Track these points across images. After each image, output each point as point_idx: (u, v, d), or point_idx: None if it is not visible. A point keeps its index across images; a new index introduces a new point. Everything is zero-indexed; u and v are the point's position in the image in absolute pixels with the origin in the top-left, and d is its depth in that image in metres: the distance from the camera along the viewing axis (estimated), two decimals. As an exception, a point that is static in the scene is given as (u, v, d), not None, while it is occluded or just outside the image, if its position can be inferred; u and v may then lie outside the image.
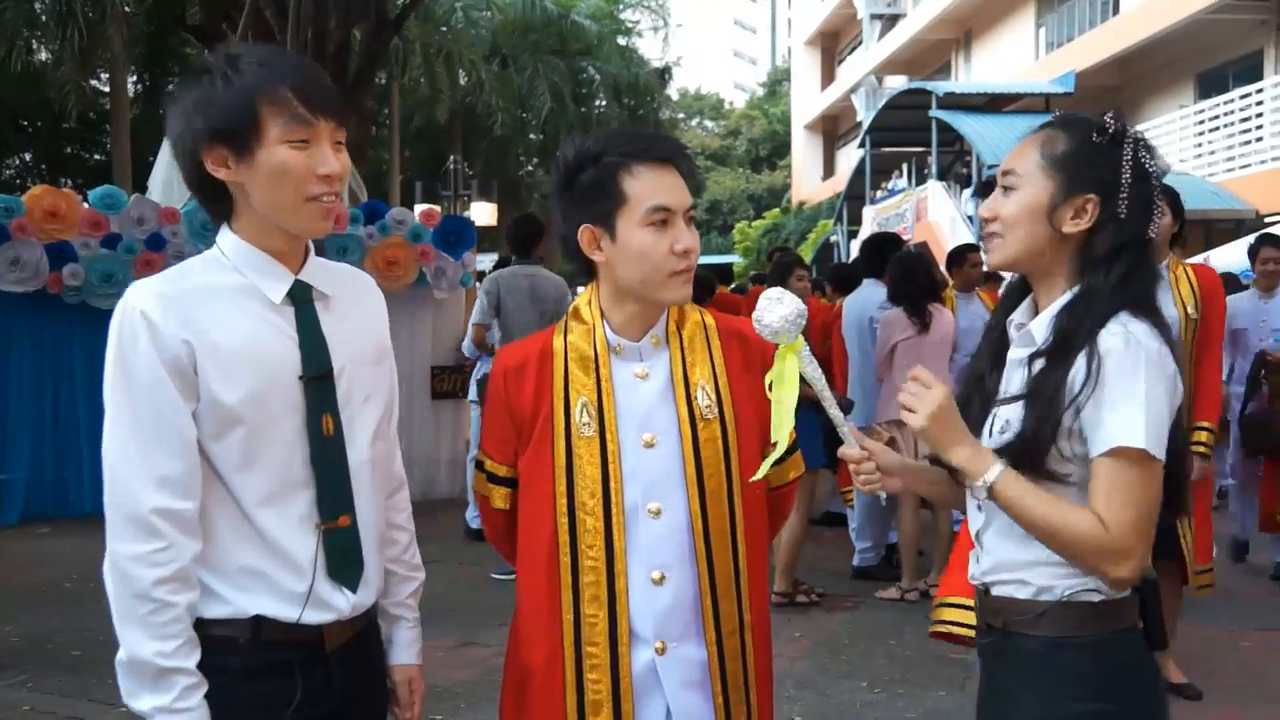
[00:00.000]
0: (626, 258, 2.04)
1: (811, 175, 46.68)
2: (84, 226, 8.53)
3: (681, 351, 2.12)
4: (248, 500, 1.81)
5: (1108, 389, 1.75)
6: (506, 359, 2.18)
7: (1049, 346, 1.85)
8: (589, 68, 31.23)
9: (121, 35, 17.56)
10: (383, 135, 26.71)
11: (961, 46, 34.18)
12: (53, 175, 25.07)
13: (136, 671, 1.73)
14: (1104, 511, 1.74)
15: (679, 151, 2.08)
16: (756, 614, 2.14)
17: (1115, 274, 1.83)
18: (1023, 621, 1.88)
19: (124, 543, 1.73)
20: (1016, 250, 1.92)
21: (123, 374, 1.75)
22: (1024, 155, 1.92)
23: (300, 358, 1.85)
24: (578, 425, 2.08)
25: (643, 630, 2.05)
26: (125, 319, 1.76)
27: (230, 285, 1.83)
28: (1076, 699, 1.83)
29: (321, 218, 1.84)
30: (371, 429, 1.97)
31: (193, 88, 1.81)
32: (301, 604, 1.82)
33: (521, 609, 2.16)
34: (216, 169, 1.79)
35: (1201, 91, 22.67)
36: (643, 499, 2.06)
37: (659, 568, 2.05)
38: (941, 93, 24.11)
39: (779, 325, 1.86)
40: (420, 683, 2.13)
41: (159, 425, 1.74)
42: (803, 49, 50.22)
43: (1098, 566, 1.77)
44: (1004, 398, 1.92)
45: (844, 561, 6.99)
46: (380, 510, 2.00)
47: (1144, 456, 1.73)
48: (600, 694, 2.04)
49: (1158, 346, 1.78)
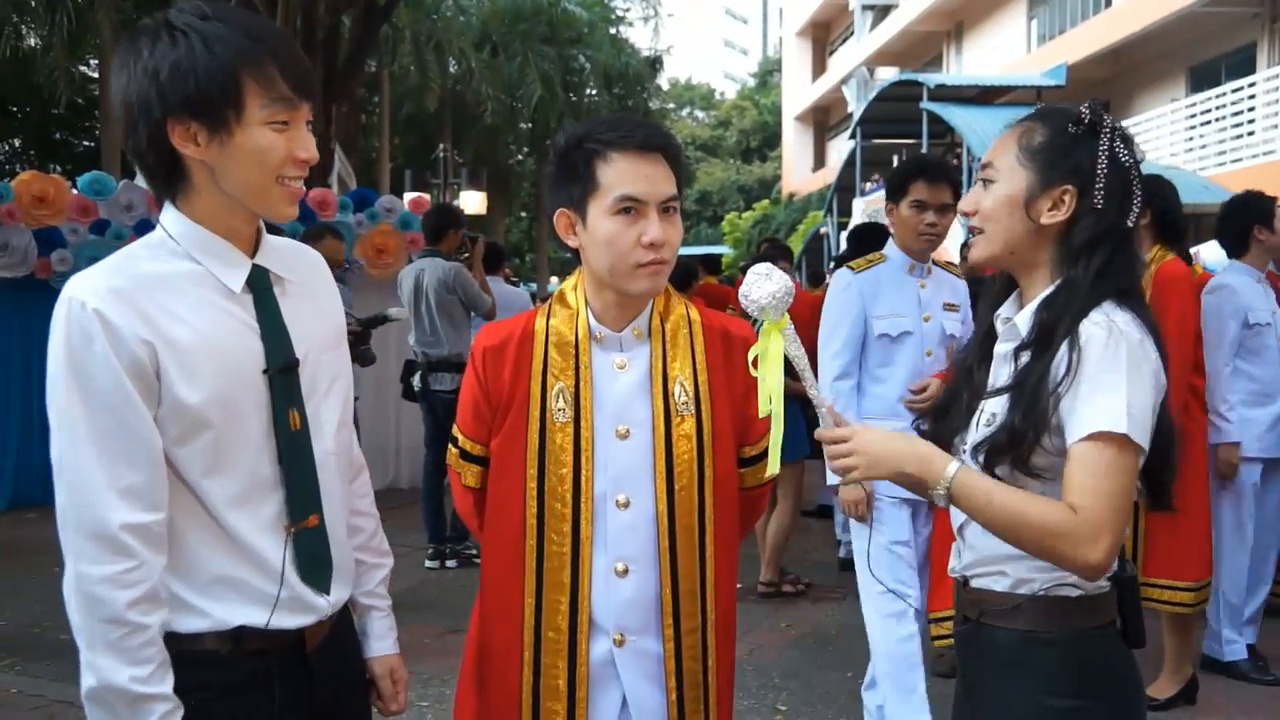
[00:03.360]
0: (595, 245, 2.02)
1: (802, 166, 46.64)
2: (73, 212, 8.50)
3: (663, 345, 2.10)
4: (216, 505, 1.68)
5: (1088, 378, 1.74)
6: (487, 338, 2.16)
7: (1031, 339, 1.84)
8: (579, 56, 31.11)
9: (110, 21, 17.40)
10: (372, 123, 26.61)
11: (953, 38, 34.18)
12: (41, 161, 24.91)
13: (109, 701, 1.60)
14: (1076, 496, 1.71)
15: (662, 141, 2.03)
16: (721, 613, 2.12)
17: (1095, 264, 1.82)
18: (997, 613, 1.88)
19: (90, 564, 1.58)
20: (996, 244, 1.92)
21: (76, 380, 1.59)
22: (1002, 149, 1.93)
23: (264, 350, 1.73)
24: (553, 411, 2.06)
25: (603, 620, 2.05)
26: (74, 317, 1.59)
27: (184, 274, 1.69)
28: (1050, 694, 1.83)
29: (290, 202, 1.73)
30: (336, 418, 1.87)
31: (160, 46, 1.62)
32: (281, 609, 1.73)
33: (485, 589, 2.17)
34: (183, 144, 1.64)
35: (1194, 85, 22.69)
36: (611, 489, 2.06)
37: (622, 559, 2.05)
38: (933, 85, 24.06)
39: (766, 301, 1.83)
40: (402, 672, 2.08)
41: (121, 434, 1.60)
42: (794, 40, 50.12)
43: (1067, 553, 1.71)
44: (990, 391, 1.91)
45: (831, 553, 7.01)
46: (345, 501, 1.93)
47: (1124, 442, 1.72)
48: (557, 679, 2.04)
49: (1140, 336, 1.78)
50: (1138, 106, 23.74)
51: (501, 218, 32.75)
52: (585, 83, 31.98)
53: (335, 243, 6.22)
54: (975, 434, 1.89)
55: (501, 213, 32.62)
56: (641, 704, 2.07)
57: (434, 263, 6.76)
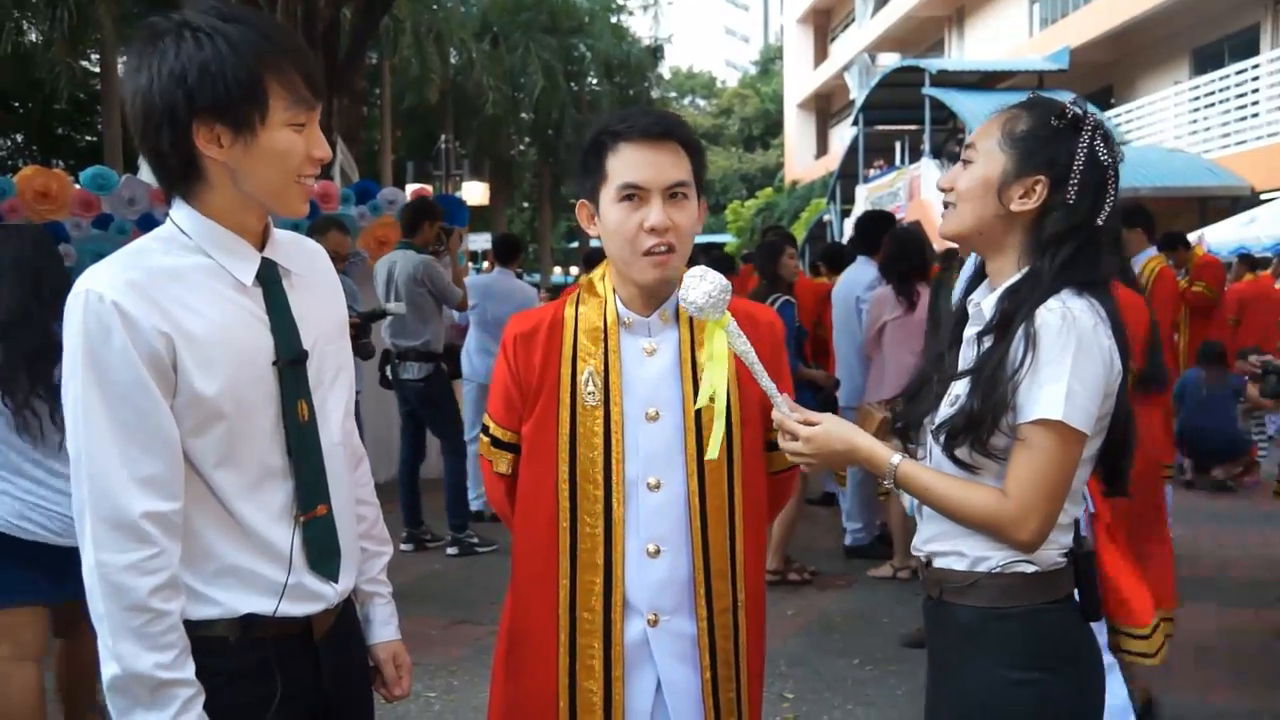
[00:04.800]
0: (606, 234, 2.09)
1: (804, 154, 46.60)
2: (75, 207, 8.49)
3: (690, 330, 2.13)
4: (228, 495, 1.71)
5: (1040, 364, 1.79)
6: (517, 325, 2.20)
7: (992, 324, 1.89)
8: (581, 45, 31.13)
9: (111, 16, 17.43)
10: (374, 115, 26.63)
11: (954, 23, 34.09)
12: (44, 156, 24.96)
13: (132, 687, 1.61)
14: (1009, 481, 1.82)
15: (666, 126, 2.07)
16: (751, 593, 2.16)
17: (1060, 257, 1.87)
18: (954, 591, 1.93)
19: (112, 552, 1.61)
20: (965, 222, 1.96)
21: (94, 372, 1.61)
22: (987, 132, 1.97)
23: (274, 342, 1.76)
24: (583, 394, 2.10)
25: (637, 601, 2.09)
26: (91, 310, 1.61)
27: (196, 267, 1.71)
28: (1008, 667, 1.88)
29: (304, 199, 1.77)
30: (342, 409, 1.91)
31: (185, 48, 1.63)
32: (289, 597, 1.76)
33: (518, 573, 2.20)
34: (207, 146, 1.65)
35: (1197, 67, 22.61)
36: (642, 472, 2.09)
37: (654, 540, 2.08)
38: (935, 70, 24.02)
39: (703, 302, 1.86)
40: (405, 657, 2.11)
41: (139, 425, 1.62)
42: (795, 27, 50.03)
43: (1000, 535, 1.84)
44: (956, 373, 1.95)
45: (837, 541, 7.01)
46: (351, 491, 1.96)
47: (1061, 428, 1.78)
48: (593, 659, 2.07)
49: (1093, 323, 1.82)
50: (1141, 89, 23.67)
51: (504, 209, 32.77)
52: (586, 72, 32.03)
53: (340, 236, 6.22)
54: (940, 413, 1.94)
55: (504, 204, 32.65)
56: (675, 685, 2.09)
57: (406, 255, 6.83)
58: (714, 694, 2.09)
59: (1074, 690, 1.90)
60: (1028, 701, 1.86)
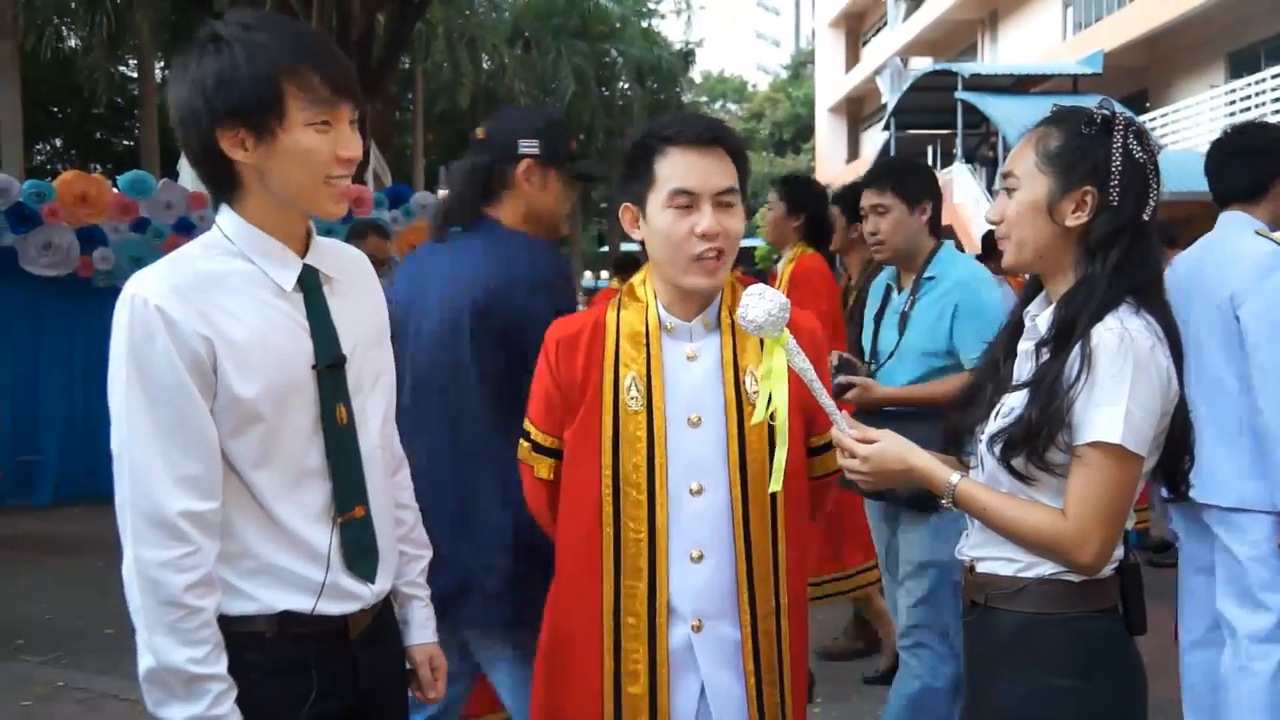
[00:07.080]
0: (654, 238, 2.09)
1: (836, 158, 46.41)
2: (114, 211, 8.62)
3: (733, 335, 2.13)
4: (265, 496, 1.76)
5: (1096, 385, 1.79)
6: (559, 330, 2.21)
7: (1051, 336, 1.89)
8: (612, 50, 31.12)
9: (149, 21, 17.63)
10: (406, 120, 26.79)
11: (987, 27, 33.88)
12: (83, 160, 25.27)
13: (166, 680, 1.67)
14: (1068, 500, 1.82)
15: (716, 133, 2.08)
16: (793, 598, 2.15)
17: (1112, 260, 1.86)
18: (1001, 597, 1.93)
19: (150, 549, 1.65)
20: (1025, 249, 1.96)
21: (138, 374, 1.67)
22: (1021, 156, 1.96)
23: (313, 347, 1.80)
24: (626, 399, 2.10)
25: (680, 606, 2.08)
26: (136, 313, 1.67)
27: (238, 273, 1.76)
28: (1053, 674, 1.87)
29: (338, 200, 1.79)
30: (381, 413, 1.94)
31: (206, 58, 1.70)
32: (326, 596, 1.80)
33: (561, 577, 2.20)
34: (233, 150, 1.71)
35: (1232, 71, 22.37)
36: (685, 477, 2.09)
37: (697, 546, 2.08)
38: (967, 74, 23.89)
39: (763, 320, 1.87)
40: (441, 660, 2.13)
41: (180, 426, 1.67)
42: (827, 30, 49.86)
43: (1059, 557, 1.84)
44: (1012, 385, 1.96)
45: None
46: (390, 494, 1.99)
47: (1120, 452, 1.78)
48: (638, 664, 2.07)
49: (1150, 344, 1.81)
50: (1176, 94, 23.45)
51: (535, 212, 32.70)
52: (618, 77, 31.98)
53: (380, 240, 6.24)
54: (992, 424, 1.94)
55: (535, 207, 32.56)
56: (719, 692, 2.08)
57: None
58: (758, 700, 2.08)
59: (1116, 701, 1.89)
60: (1070, 709, 1.86)
